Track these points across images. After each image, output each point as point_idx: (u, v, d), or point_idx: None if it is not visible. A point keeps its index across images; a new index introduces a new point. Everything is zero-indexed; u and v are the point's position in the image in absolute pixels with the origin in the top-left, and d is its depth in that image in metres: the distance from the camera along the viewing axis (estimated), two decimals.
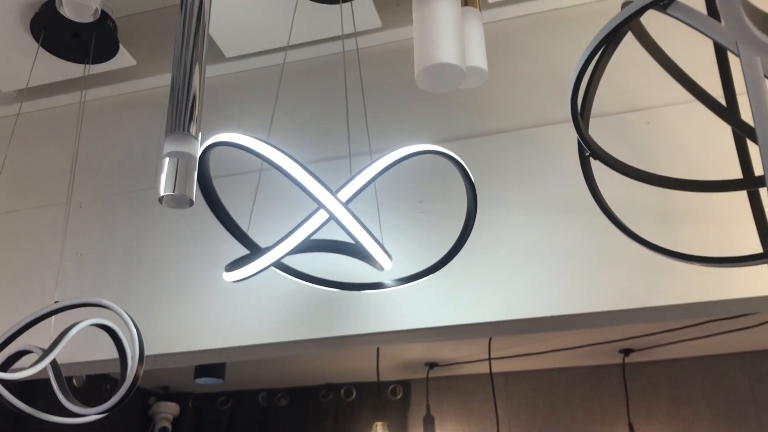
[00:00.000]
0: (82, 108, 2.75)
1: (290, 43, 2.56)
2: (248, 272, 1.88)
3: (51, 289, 2.61)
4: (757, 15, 0.76)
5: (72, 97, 2.82)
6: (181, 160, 1.14)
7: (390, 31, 2.74)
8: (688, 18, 1.05)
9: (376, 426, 3.54)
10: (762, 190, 1.58)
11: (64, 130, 2.92)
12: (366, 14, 2.55)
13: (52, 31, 2.49)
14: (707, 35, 1.08)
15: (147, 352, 1.99)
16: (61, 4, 2.13)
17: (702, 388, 3.68)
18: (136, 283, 2.61)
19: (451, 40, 0.82)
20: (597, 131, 2.00)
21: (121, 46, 2.65)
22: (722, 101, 1.60)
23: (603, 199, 1.77)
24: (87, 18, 1.99)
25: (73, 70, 2.66)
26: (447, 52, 0.81)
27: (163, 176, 1.14)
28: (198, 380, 3.67)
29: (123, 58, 2.70)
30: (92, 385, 3.60)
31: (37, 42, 2.52)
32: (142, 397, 4.16)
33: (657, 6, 1.23)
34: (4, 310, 2.56)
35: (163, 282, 2.57)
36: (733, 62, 1.46)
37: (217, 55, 2.71)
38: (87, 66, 2.62)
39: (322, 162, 2.56)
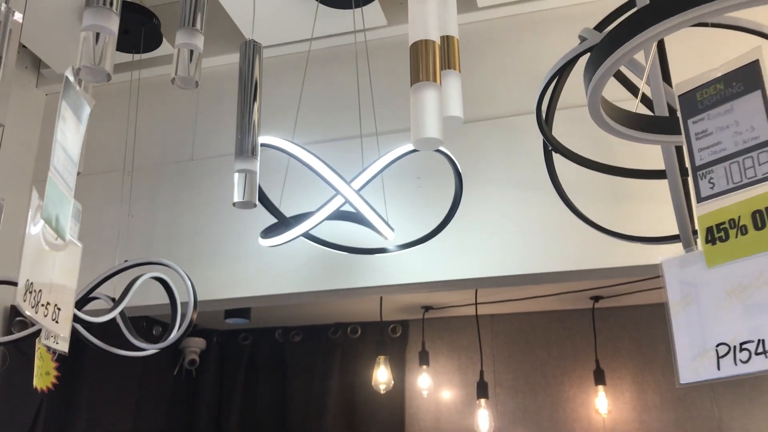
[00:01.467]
0: (136, 87, 3.19)
1: (306, 37, 2.98)
2: (281, 240, 2.37)
3: (109, 247, 3.10)
4: (610, 108, 1.21)
5: (122, 77, 3.21)
6: (248, 176, 1.60)
7: (394, 27, 3.16)
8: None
9: (379, 359, 4.05)
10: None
11: (114, 107, 3.36)
12: (374, 15, 2.97)
13: None
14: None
15: (184, 299, 2.50)
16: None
17: (661, 331, 4.18)
18: (179, 241, 3.10)
19: (434, 118, 1.25)
20: (563, 122, 2.45)
21: (164, 39, 3.09)
22: None
23: (560, 185, 2.24)
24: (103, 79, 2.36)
25: (123, 56, 3.09)
26: (433, 129, 1.25)
27: (236, 187, 1.60)
28: (228, 320, 4.19)
29: (165, 48, 3.14)
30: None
31: None
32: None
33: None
34: None
35: (201, 240, 3.06)
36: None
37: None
38: (138, 55, 3.06)
39: (336, 141, 3.01)
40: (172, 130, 3.28)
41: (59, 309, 1.16)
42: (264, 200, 2.44)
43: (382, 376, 3.99)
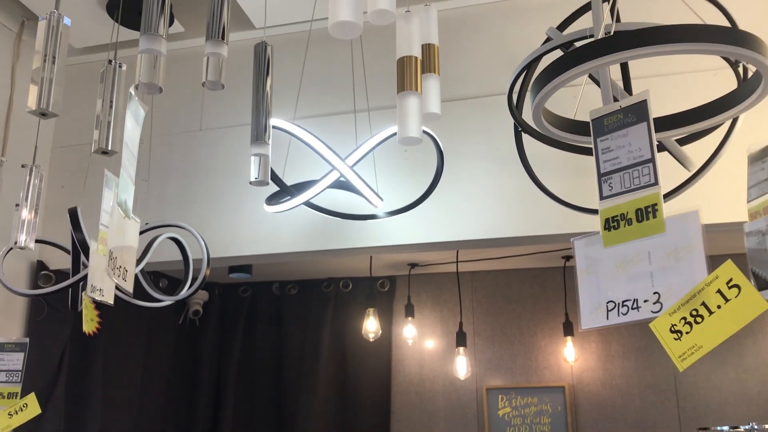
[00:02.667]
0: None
1: (303, 19, 3.26)
2: (285, 207, 2.70)
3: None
4: (550, 116, 1.54)
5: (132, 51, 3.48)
6: (262, 158, 1.93)
7: None
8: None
9: (369, 311, 4.41)
10: None
11: (130, 83, 3.63)
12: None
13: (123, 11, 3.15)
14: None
15: (195, 257, 2.84)
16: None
17: None
18: (189, 204, 3.42)
19: (415, 122, 1.57)
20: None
21: (175, 19, 3.37)
22: None
23: (527, 161, 2.57)
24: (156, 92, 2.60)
25: (136, 34, 3.37)
26: (414, 130, 1.57)
27: (252, 168, 1.93)
28: (231, 275, 4.54)
29: (176, 27, 3.43)
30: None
31: (112, 18, 3.23)
32: (177, 285, 5.01)
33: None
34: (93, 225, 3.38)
35: (209, 204, 3.38)
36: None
37: (247, 24, 3.40)
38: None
39: (333, 115, 3.32)
40: (182, 103, 3.57)
41: (126, 270, 1.50)
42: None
43: (371, 326, 4.36)
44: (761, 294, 2.07)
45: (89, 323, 2.01)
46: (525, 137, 2.51)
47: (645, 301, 1.14)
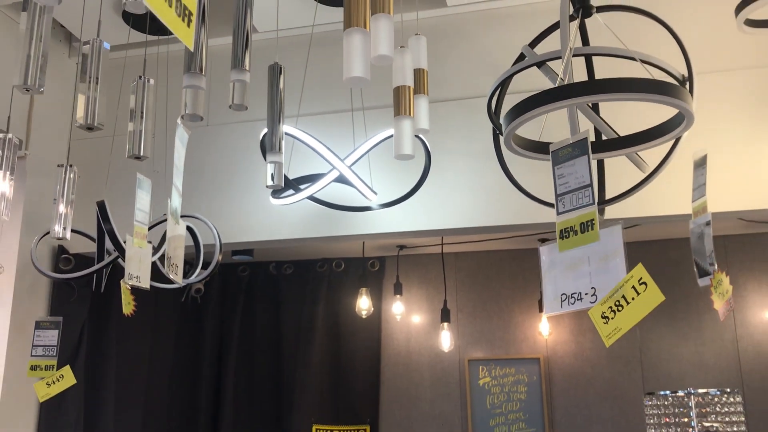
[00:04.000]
0: (155, 63, 3.75)
1: (304, 24, 3.55)
2: (290, 201, 3.03)
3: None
4: (520, 139, 1.87)
5: (150, 53, 3.75)
6: (276, 165, 2.25)
7: None
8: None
9: (362, 290, 4.75)
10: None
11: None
12: None
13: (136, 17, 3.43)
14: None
15: (204, 242, 3.17)
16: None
17: None
18: (196, 195, 3.73)
19: (408, 140, 1.90)
20: (512, 105, 3.10)
21: None
22: None
23: (503, 159, 2.90)
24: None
25: (152, 37, 3.65)
26: (408, 147, 1.90)
27: (268, 174, 2.24)
28: (234, 257, 4.86)
29: None
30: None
31: (128, 24, 3.52)
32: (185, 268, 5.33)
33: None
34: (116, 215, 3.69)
35: (217, 195, 3.70)
36: None
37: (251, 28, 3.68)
38: (164, 36, 3.62)
39: (332, 114, 3.62)
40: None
41: (177, 266, 1.82)
42: None
43: (363, 303, 4.71)
44: (700, 280, 2.45)
45: (127, 306, 2.33)
46: (502, 139, 2.83)
47: (586, 294, 1.48)
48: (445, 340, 4.72)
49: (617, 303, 1.41)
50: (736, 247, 4.76)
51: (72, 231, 3.30)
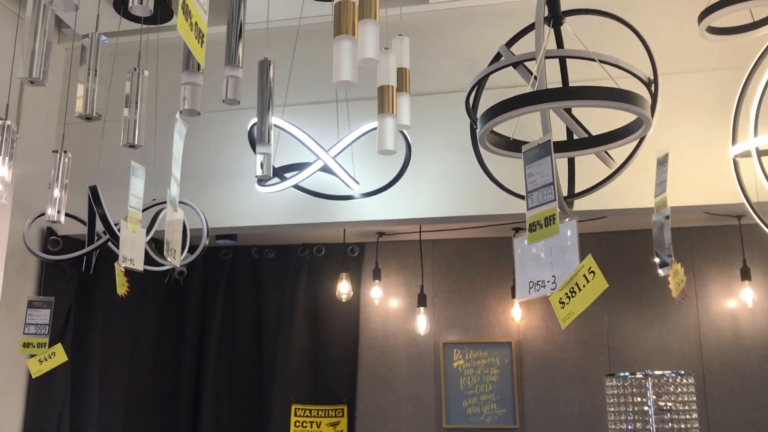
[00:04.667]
0: (152, 51, 3.84)
1: (292, 16, 3.66)
2: (276, 189, 3.15)
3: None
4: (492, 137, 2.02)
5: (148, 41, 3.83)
6: (265, 157, 2.38)
7: None
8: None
9: (342, 275, 4.90)
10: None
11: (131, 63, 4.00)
12: None
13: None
14: None
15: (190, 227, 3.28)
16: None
17: None
18: (186, 180, 3.83)
19: (391, 137, 2.03)
20: (490, 100, 3.25)
21: (174, 14, 3.75)
22: None
23: (479, 152, 3.05)
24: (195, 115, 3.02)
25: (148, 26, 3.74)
26: (390, 143, 2.03)
27: (257, 164, 2.37)
28: (218, 241, 4.97)
29: (175, 20, 3.81)
30: None
31: (119, 13, 3.61)
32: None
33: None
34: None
35: (204, 180, 3.81)
36: None
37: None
38: (156, 26, 3.71)
39: (317, 104, 3.73)
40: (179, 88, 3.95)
41: (175, 251, 1.95)
42: None
43: (343, 288, 4.86)
44: (660, 270, 2.62)
45: (121, 287, 2.45)
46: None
47: (548, 281, 1.64)
48: (421, 323, 4.89)
49: (571, 290, 1.57)
50: (701, 239, 4.97)
51: (71, 216, 3.43)
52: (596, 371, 4.91)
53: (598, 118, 2.79)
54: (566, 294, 1.58)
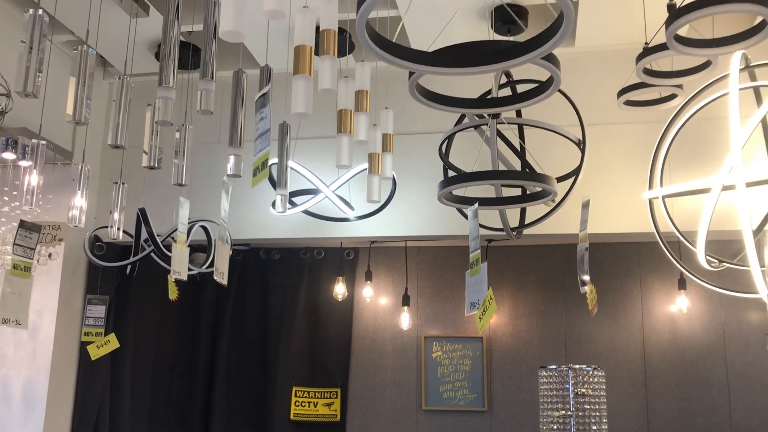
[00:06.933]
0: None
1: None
2: (287, 213, 3.91)
3: (166, 201, 4.57)
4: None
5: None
6: (282, 198, 3.12)
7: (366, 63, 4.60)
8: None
9: (339, 279, 5.65)
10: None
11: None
12: (350, 61, 4.39)
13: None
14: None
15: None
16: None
17: (533, 264, 5.92)
18: (212, 199, 4.58)
19: (347, 154, 2.78)
20: (463, 140, 4.01)
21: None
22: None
23: (443, 200, 3.81)
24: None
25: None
26: (346, 159, 2.79)
27: (278, 203, 3.11)
28: (234, 247, 5.73)
29: None
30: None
31: (157, 60, 4.34)
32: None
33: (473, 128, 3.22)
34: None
35: (215, 201, 4.56)
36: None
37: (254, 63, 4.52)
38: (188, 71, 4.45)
39: (319, 139, 4.48)
40: (203, 120, 4.70)
41: (223, 273, 2.70)
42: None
43: (339, 289, 5.62)
44: (581, 288, 3.39)
45: (173, 293, 3.20)
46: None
47: (476, 302, 2.40)
48: (405, 320, 5.65)
49: (483, 309, 2.32)
50: (647, 253, 5.72)
51: (127, 234, 4.18)
52: (554, 363, 5.68)
53: (552, 159, 3.55)
54: (482, 311, 2.33)
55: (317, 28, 2.33)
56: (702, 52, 2.43)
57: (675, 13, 2.21)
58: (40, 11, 2.49)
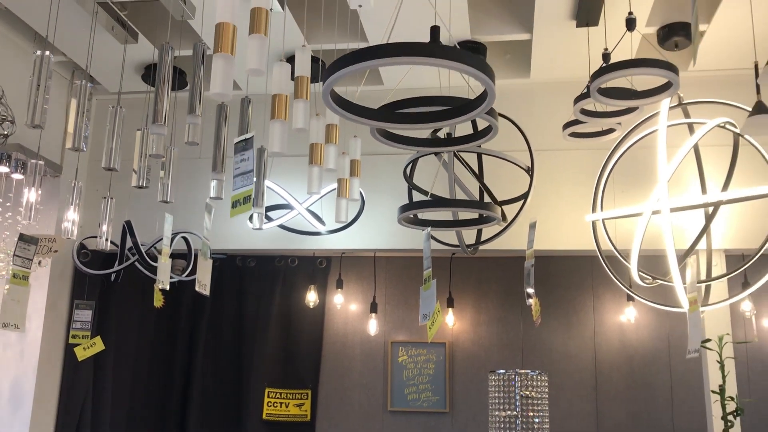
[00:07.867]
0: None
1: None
2: (264, 227, 4.23)
3: (150, 213, 4.87)
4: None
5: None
6: (259, 215, 3.45)
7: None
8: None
9: (311, 287, 5.97)
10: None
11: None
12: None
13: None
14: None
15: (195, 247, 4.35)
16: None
17: (495, 274, 6.29)
18: (193, 211, 4.89)
19: (345, 211, 3.12)
20: (426, 161, 4.37)
21: (187, 83, 4.79)
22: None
23: (413, 203, 4.17)
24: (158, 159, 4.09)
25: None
26: (344, 216, 3.12)
27: (255, 220, 3.44)
28: (212, 256, 6.03)
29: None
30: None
31: (147, 83, 4.65)
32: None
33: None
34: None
35: (202, 213, 4.87)
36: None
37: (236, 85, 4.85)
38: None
39: (293, 157, 4.81)
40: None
41: (205, 285, 3.01)
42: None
43: (311, 297, 5.94)
44: (527, 301, 3.75)
45: (158, 301, 3.51)
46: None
47: (427, 314, 2.74)
48: (372, 326, 5.99)
49: (433, 320, 2.69)
50: (600, 266, 6.11)
51: (114, 244, 4.47)
52: (512, 368, 6.05)
53: (505, 186, 3.92)
54: (431, 321, 2.68)
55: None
56: (621, 103, 2.82)
57: (598, 72, 2.59)
58: (47, 52, 2.79)
